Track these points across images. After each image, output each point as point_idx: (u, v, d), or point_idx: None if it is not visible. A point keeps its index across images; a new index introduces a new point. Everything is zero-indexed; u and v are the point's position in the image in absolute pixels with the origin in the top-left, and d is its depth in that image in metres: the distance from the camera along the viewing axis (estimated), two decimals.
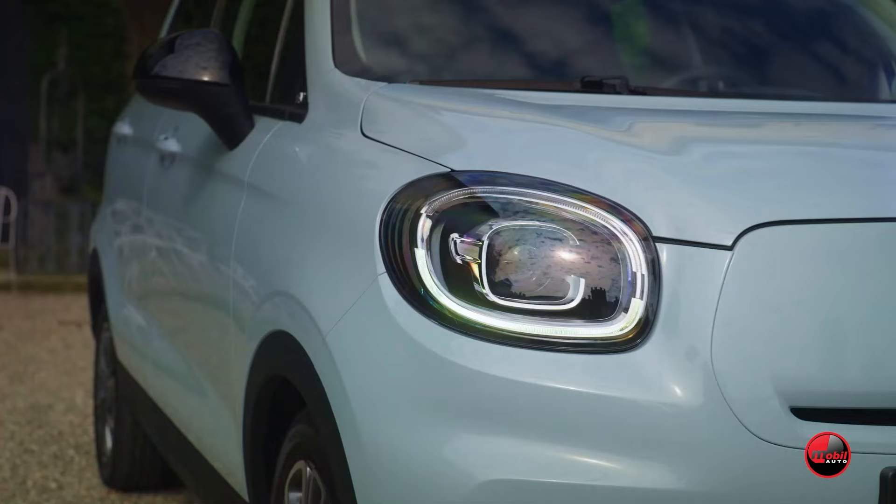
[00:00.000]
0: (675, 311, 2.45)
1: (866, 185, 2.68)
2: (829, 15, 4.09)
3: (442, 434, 2.48)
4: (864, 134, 3.28)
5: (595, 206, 2.52)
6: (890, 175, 2.80)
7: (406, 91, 3.16)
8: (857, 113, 3.49)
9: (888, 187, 2.68)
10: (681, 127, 3.07)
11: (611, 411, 2.41)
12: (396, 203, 2.65)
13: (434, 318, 2.51)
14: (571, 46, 3.70)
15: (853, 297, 2.48)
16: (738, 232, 2.47)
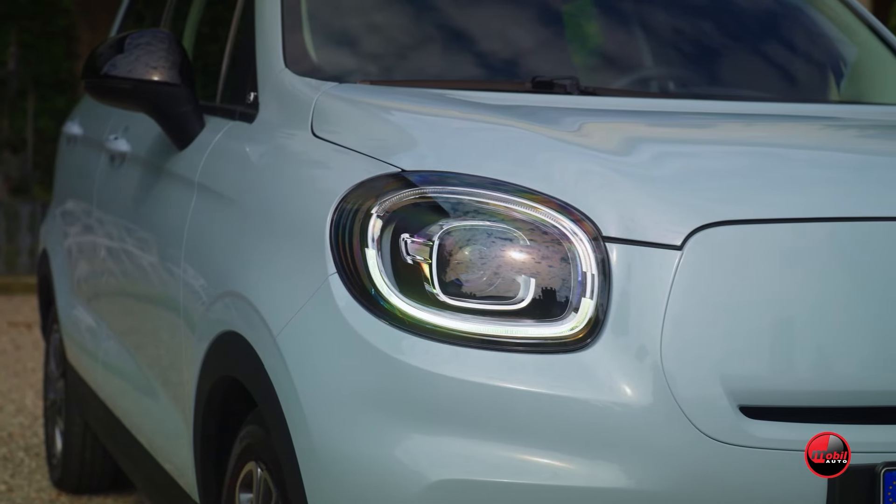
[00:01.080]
0: (625, 310, 2.46)
1: (815, 185, 2.70)
2: (778, 16, 4.12)
3: (393, 434, 2.48)
4: (813, 134, 3.30)
5: (545, 207, 2.53)
6: (838, 175, 2.81)
7: (357, 91, 3.16)
8: (806, 113, 3.51)
9: (836, 187, 2.70)
10: (631, 127, 3.08)
11: (561, 411, 2.42)
12: (347, 203, 2.64)
13: (384, 319, 2.51)
14: (522, 47, 3.70)
15: (802, 296, 2.50)
16: (688, 232, 2.48)
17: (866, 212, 2.59)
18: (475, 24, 3.70)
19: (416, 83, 3.37)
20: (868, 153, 3.12)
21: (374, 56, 3.56)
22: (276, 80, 3.24)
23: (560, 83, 3.30)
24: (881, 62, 3.94)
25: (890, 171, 2.87)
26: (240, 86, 3.45)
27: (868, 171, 2.87)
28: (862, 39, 4.01)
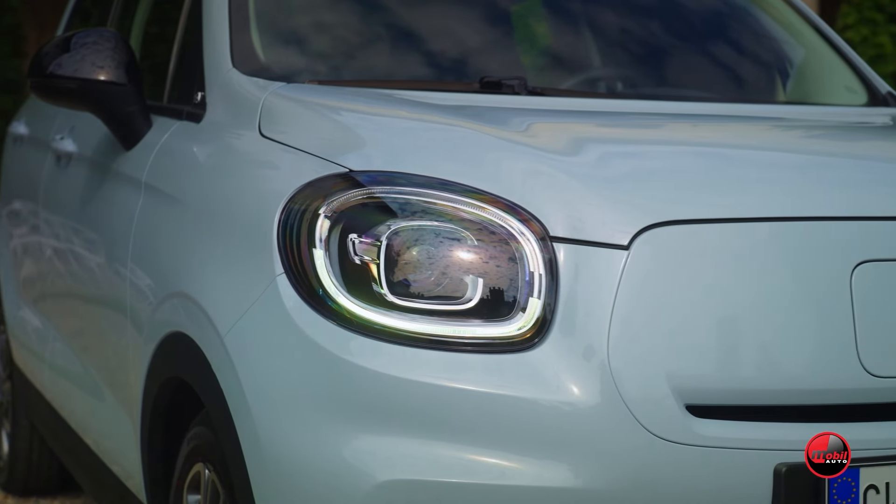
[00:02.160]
0: (572, 310, 2.46)
1: (761, 186, 2.72)
2: (725, 17, 4.14)
3: (341, 434, 2.47)
4: (759, 135, 3.33)
5: (493, 207, 2.53)
6: (783, 175, 2.83)
7: (305, 91, 3.15)
8: (753, 114, 3.54)
9: (782, 187, 2.72)
10: (578, 127, 3.09)
11: (509, 411, 2.42)
12: (295, 203, 2.64)
13: (332, 319, 2.50)
14: (471, 47, 3.71)
15: (747, 295, 2.51)
16: (634, 232, 2.49)
17: (811, 212, 2.62)
18: (424, 24, 3.70)
19: (364, 83, 3.37)
20: (813, 154, 3.15)
21: (322, 56, 3.56)
22: (224, 79, 3.23)
23: (508, 83, 3.31)
24: (826, 63, 3.97)
25: (834, 172, 2.90)
26: (187, 85, 3.43)
27: (813, 172, 2.89)
28: (808, 41, 4.05)
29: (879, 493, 2.46)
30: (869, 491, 2.46)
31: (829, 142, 3.31)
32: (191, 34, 3.52)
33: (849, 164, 2.99)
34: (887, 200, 2.69)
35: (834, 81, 3.93)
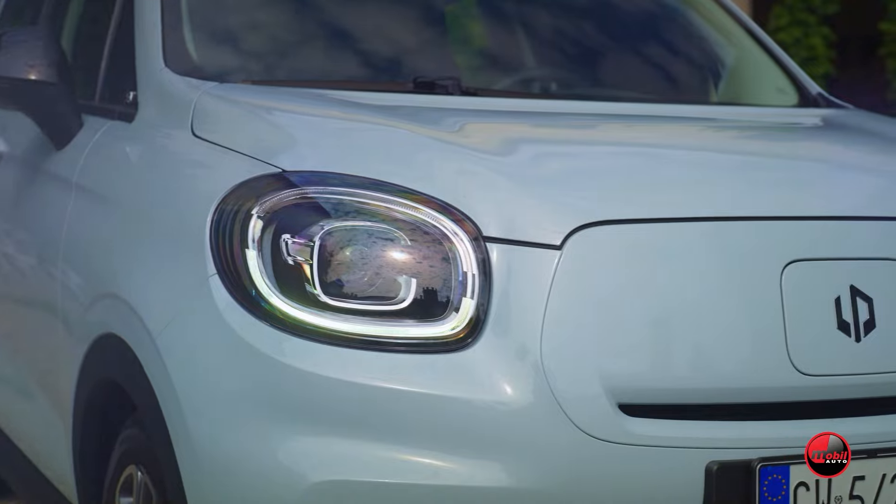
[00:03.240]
0: (505, 310, 2.47)
1: (693, 185, 2.74)
2: (658, 19, 4.17)
3: (274, 436, 2.46)
4: (692, 135, 3.35)
5: (426, 207, 2.53)
6: (715, 175, 2.86)
7: (238, 91, 3.13)
8: (685, 115, 3.56)
9: (714, 187, 2.74)
10: (512, 128, 3.10)
11: (442, 411, 2.42)
12: (227, 204, 2.62)
13: (265, 320, 2.50)
14: (405, 47, 3.71)
15: (679, 294, 2.53)
16: (567, 231, 2.50)
17: (742, 212, 2.64)
18: (358, 24, 3.70)
19: (298, 83, 3.35)
20: (744, 154, 3.18)
21: (255, 55, 3.54)
22: (156, 79, 3.21)
23: (442, 84, 3.31)
24: (758, 65, 4.01)
25: (766, 172, 2.93)
26: (119, 85, 3.40)
27: (745, 172, 2.92)
28: (739, 42, 4.08)
29: (809, 490, 2.49)
30: (799, 488, 2.48)
31: (760, 142, 3.34)
32: (123, 33, 3.50)
33: (779, 164, 3.03)
34: (816, 200, 2.72)
35: (765, 82, 3.97)
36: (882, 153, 3.23)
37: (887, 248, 2.67)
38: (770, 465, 2.46)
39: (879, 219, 2.73)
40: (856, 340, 2.56)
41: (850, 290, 2.58)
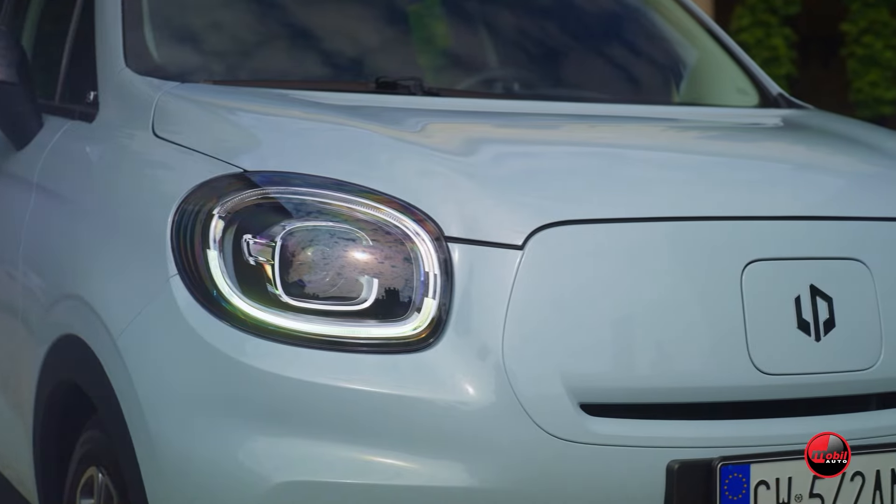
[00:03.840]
0: (467, 310, 2.47)
1: (654, 186, 2.75)
2: (620, 19, 4.18)
3: (236, 437, 2.46)
4: (654, 135, 3.37)
5: (388, 207, 2.53)
6: (676, 175, 2.87)
7: (199, 91, 3.12)
8: (647, 115, 3.57)
9: (675, 187, 2.75)
10: (474, 128, 3.10)
11: (404, 411, 2.42)
12: (188, 204, 2.62)
13: (227, 320, 2.49)
14: (367, 47, 3.71)
15: (641, 294, 2.54)
16: (529, 231, 2.50)
17: (703, 212, 2.65)
18: (320, 24, 3.69)
19: (260, 83, 3.35)
20: (705, 154, 3.19)
21: (217, 55, 3.53)
22: (117, 79, 3.20)
23: (404, 84, 3.31)
24: (719, 65, 4.02)
25: (727, 172, 2.95)
26: (80, 85, 3.39)
27: (706, 172, 2.93)
28: (701, 43, 4.10)
29: (770, 488, 2.50)
30: (759, 487, 2.50)
31: (721, 143, 3.36)
32: (83, 32, 3.48)
33: (740, 164, 3.04)
34: (776, 200, 2.73)
35: (726, 83, 3.99)
36: (842, 154, 3.25)
37: (847, 248, 2.68)
38: (731, 464, 2.47)
39: (839, 219, 2.75)
40: (815, 340, 2.58)
41: (810, 289, 2.59)
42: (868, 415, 2.65)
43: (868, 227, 2.76)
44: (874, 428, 2.61)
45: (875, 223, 2.77)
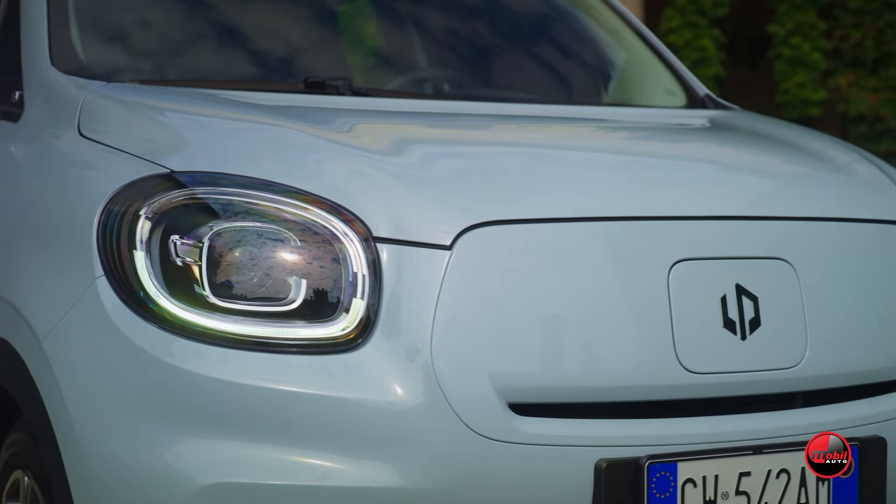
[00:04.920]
0: (395, 310, 2.47)
1: (583, 186, 2.76)
2: (550, 21, 4.20)
3: (163, 438, 2.44)
4: (582, 136, 3.38)
5: (316, 207, 2.53)
6: (604, 175, 2.89)
7: (126, 90, 3.10)
8: (576, 116, 3.59)
9: (603, 187, 2.77)
10: (402, 128, 3.10)
11: (333, 411, 2.42)
12: (115, 205, 2.60)
13: (154, 321, 2.48)
14: (297, 47, 3.70)
15: (570, 294, 2.55)
16: (457, 232, 2.50)
17: (631, 212, 2.67)
18: (249, 23, 3.68)
19: (187, 83, 3.32)
20: (634, 154, 3.21)
21: (144, 54, 3.50)
22: (42, 78, 3.16)
23: (332, 84, 3.30)
24: (647, 66, 4.05)
25: (654, 172, 2.97)
26: (5, 84, 3.34)
27: (634, 172, 2.95)
28: (629, 44, 4.12)
29: (696, 486, 2.52)
30: (686, 485, 2.52)
31: (648, 143, 3.38)
32: (8, 31, 3.43)
33: (667, 164, 3.06)
34: (703, 200, 2.76)
35: (654, 84, 4.01)
36: (767, 154, 3.28)
37: (772, 248, 2.71)
38: (658, 463, 2.49)
39: (765, 219, 2.78)
40: (741, 338, 2.61)
41: (735, 288, 2.62)
42: (793, 413, 2.68)
43: (793, 226, 2.79)
44: (799, 425, 2.64)
45: (800, 223, 2.80)
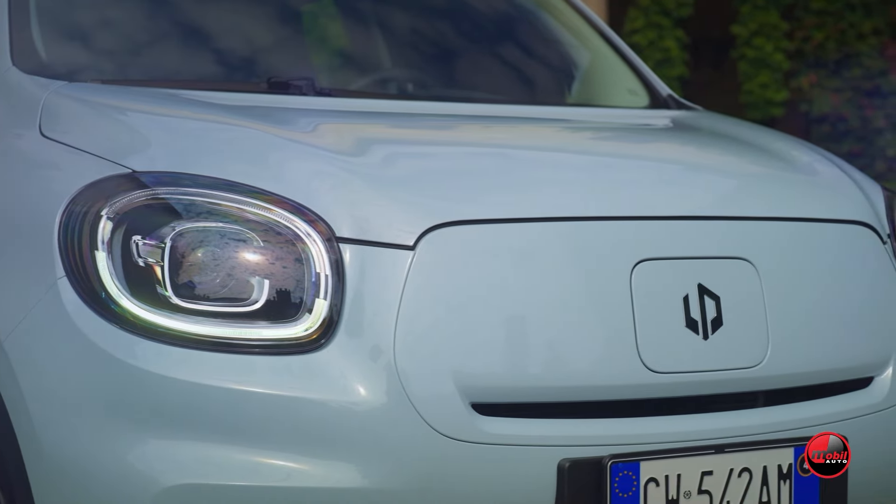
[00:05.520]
0: (358, 311, 2.47)
1: (546, 186, 2.77)
2: (514, 21, 4.20)
3: (125, 440, 2.44)
4: (546, 136, 3.39)
5: (279, 208, 2.52)
6: (567, 176, 2.89)
7: (88, 90, 3.08)
8: (540, 116, 3.60)
9: (566, 187, 2.77)
10: (366, 128, 3.10)
11: (296, 412, 2.42)
12: (76, 205, 2.59)
13: (116, 322, 2.47)
14: (260, 47, 3.69)
15: (533, 294, 2.55)
16: (420, 232, 2.50)
17: (594, 212, 2.67)
18: (212, 23, 3.66)
19: (150, 83, 3.31)
20: (597, 154, 3.22)
21: (107, 54, 3.49)
22: (3, 78, 3.14)
23: (296, 84, 3.29)
24: (610, 67, 4.06)
25: (618, 172, 2.98)
26: None
27: (598, 172, 2.96)
28: (593, 45, 4.13)
29: (659, 485, 2.53)
30: (649, 484, 2.53)
31: (611, 143, 3.39)
32: None
33: (630, 165, 3.07)
34: (665, 200, 2.77)
35: (617, 84, 4.03)
36: (730, 154, 3.30)
37: (734, 248, 2.72)
38: (621, 462, 2.50)
39: (727, 218, 2.79)
40: (703, 338, 2.62)
41: (698, 288, 2.63)
42: (755, 412, 2.69)
43: (755, 226, 2.80)
44: (761, 424, 2.66)
45: (762, 223, 2.82)
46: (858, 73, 12.94)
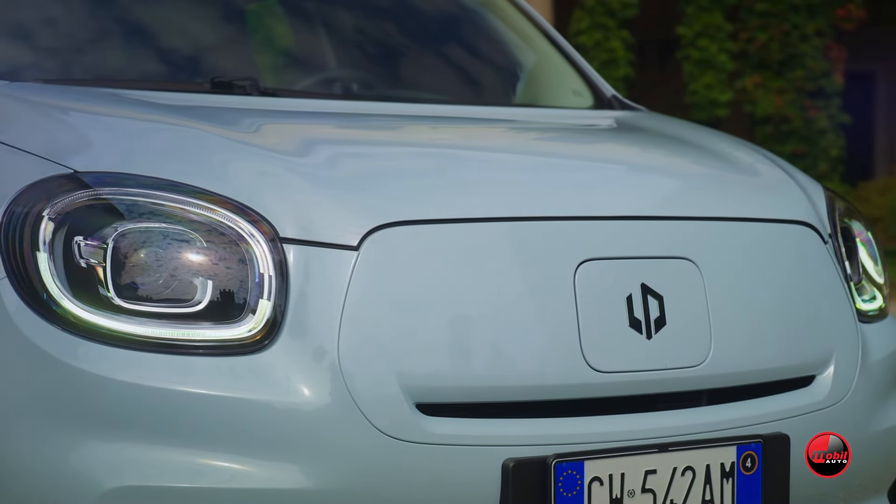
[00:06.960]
0: (302, 311, 2.46)
1: (491, 186, 2.77)
2: (459, 22, 4.21)
3: (67, 442, 2.42)
4: (491, 136, 3.40)
5: (222, 208, 2.51)
6: (511, 176, 2.90)
7: (29, 90, 3.06)
8: (485, 116, 3.60)
9: (510, 187, 2.78)
10: (309, 128, 3.09)
11: (240, 413, 2.41)
12: (17, 206, 2.56)
13: (57, 324, 2.45)
14: (204, 46, 3.67)
15: (479, 294, 2.55)
16: (364, 232, 2.50)
17: (538, 212, 2.68)
18: (155, 22, 3.65)
19: (92, 82, 3.29)
20: (541, 155, 3.23)
21: (49, 53, 3.46)
22: None
23: (239, 84, 3.28)
24: (555, 67, 4.07)
25: (562, 173, 2.98)
26: None
27: (542, 173, 2.97)
28: (537, 45, 4.14)
29: (603, 484, 2.54)
30: (593, 483, 2.53)
31: (556, 144, 3.40)
32: None
33: (573, 165, 3.09)
34: (608, 201, 2.78)
35: (562, 85, 4.04)
36: (673, 155, 3.32)
37: (677, 247, 2.74)
38: (565, 461, 2.50)
39: (670, 218, 2.80)
40: (647, 337, 2.63)
41: (641, 288, 2.64)
42: (699, 410, 2.71)
43: (698, 226, 2.82)
44: (705, 423, 2.67)
45: (704, 223, 2.83)
46: (802, 74, 13.05)
